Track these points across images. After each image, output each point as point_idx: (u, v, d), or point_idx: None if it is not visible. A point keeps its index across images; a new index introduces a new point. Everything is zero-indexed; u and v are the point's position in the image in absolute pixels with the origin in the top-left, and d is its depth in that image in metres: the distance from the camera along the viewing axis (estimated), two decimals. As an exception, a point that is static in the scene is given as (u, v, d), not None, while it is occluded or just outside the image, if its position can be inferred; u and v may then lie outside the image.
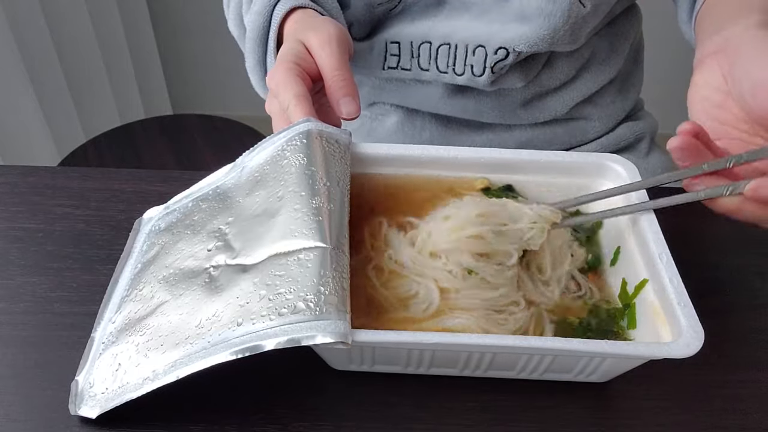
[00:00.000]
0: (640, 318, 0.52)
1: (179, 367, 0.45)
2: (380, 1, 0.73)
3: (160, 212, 0.61)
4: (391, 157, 0.60)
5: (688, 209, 0.68)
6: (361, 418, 0.51)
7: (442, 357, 0.50)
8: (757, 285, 0.61)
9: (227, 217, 0.54)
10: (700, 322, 0.46)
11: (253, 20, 0.66)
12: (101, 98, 1.72)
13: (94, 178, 0.70)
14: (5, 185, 0.69)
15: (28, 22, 1.43)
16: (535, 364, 0.49)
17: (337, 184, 0.53)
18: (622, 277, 0.55)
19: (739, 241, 0.65)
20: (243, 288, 0.47)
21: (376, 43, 0.76)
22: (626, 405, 0.52)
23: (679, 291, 0.48)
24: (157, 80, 1.98)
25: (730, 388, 0.53)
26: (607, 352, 0.46)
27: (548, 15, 0.68)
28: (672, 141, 0.48)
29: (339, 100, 0.57)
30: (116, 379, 0.48)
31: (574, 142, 0.84)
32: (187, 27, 1.98)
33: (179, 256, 0.54)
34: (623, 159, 0.59)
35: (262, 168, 0.55)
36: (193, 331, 0.47)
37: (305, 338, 0.43)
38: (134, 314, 0.51)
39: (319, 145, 0.54)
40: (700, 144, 0.48)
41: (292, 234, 0.48)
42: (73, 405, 0.49)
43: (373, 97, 0.85)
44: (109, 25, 1.69)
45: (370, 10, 0.74)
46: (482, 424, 0.50)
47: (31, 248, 0.62)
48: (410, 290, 0.53)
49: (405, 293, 0.53)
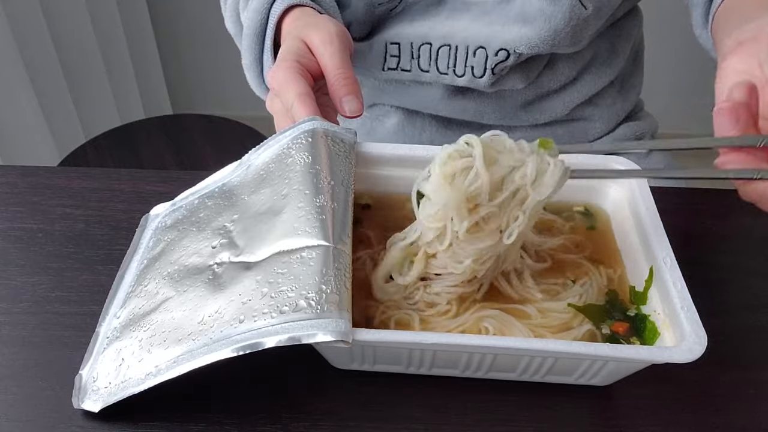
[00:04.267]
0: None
1: (181, 363, 0.45)
2: (381, 1, 0.73)
3: (167, 209, 0.61)
4: (396, 157, 0.60)
5: (688, 209, 0.68)
6: (361, 418, 0.50)
7: (443, 358, 0.50)
8: (757, 285, 0.61)
9: (232, 215, 0.54)
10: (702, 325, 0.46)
11: (250, 18, 0.66)
12: (101, 98, 1.72)
13: (94, 178, 0.70)
14: (5, 185, 0.69)
15: (28, 22, 1.43)
16: (537, 366, 0.49)
17: (342, 183, 0.53)
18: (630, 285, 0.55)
19: (739, 241, 0.65)
20: (246, 285, 0.47)
21: (376, 44, 0.76)
22: (626, 405, 0.52)
23: (682, 295, 0.48)
24: (157, 80, 1.98)
25: (730, 388, 0.53)
26: (609, 356, 0.46)
27: (549, 17, 0.68)
28: (723, 103, 0.45)
29: (342, 98, 0.56)
30: (119, 373, 0.48)
31: (575, 143, 0.84)
32: (187, 27, 1.98)
33: (184, 253, 0.54)
34: (628, 161, 0.59)
35: (267, 166, 0.55)
36: (196, 327, 0.47)
37: (306, 336, 0.43)
38: (139, 310, 0.51)
39: (324, 144, 0.54)
40: (748, 114, 0.46)
41: (296, 232, 0.48)
42: (77, 398, 0.49)
43: (373, 98, 0.85)
44: (109, 25, 1.69)
45: (370, 10, 0.74)
46: (482, 425, 0.50)
47: (31, 248, 0.62)
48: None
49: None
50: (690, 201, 0.70)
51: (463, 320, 0.52)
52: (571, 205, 0.61)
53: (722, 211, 0.69)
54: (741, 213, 0.68)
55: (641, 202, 0.56)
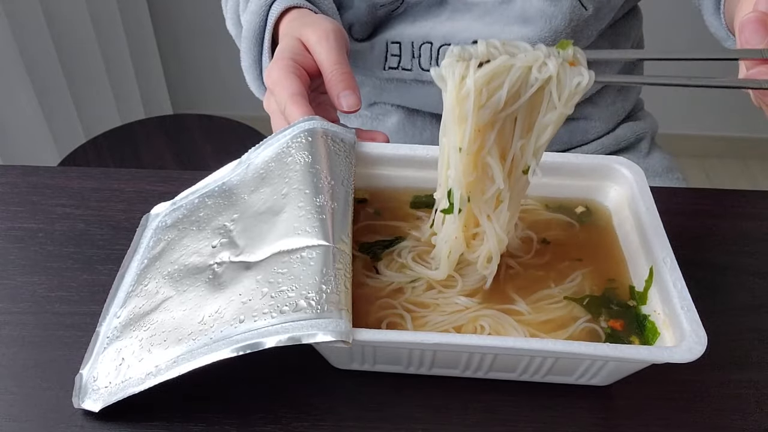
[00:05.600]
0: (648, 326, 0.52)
1: (181, 362, 0.45)
2: (383, 3, 0.73)
3: (167, 208, 0.61)
4: (397, 157, 0.60)
5: (688, 209, 0.68)
6: (361, 418, 0.50)
7: (443, 358, 0.50)
8: (757, 285, 0.61)
9: (232, 214, 0.54)
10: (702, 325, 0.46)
11: (249, 20, 0.66)
12: (101, 98, 1.72)
13: (94, 178, 0.70)
14: (5, 185, 0.69)
15: (29, 22, 1.43)
16: (537, 366, 0.49)
17: (342, 183, 0.53)
18: (629, 285, 0.55)
19: (739, 241, 0.65)
20: (246, 285, 0.47)
21: (377, 44, 0.76)
22: (626, 405, 0.52)
23: (682, 295, 0.48)
24: (157, 80, 1.98)
25: (730, 388, 0.53)
26: (609, 356, 0.46)
27: (550, 17, 0.68)
28: (749, 14, 0.43)
29: (339, 93, 0.56)
30: (120, 373, 0.48)
31: (575, 142, 0.84)
32: (187, 27, 1.98)
33: (184, 252, 0.54)
34: (629, 161, 0.59)
35: (267, 165, 0.55)
36: (196, 327, 0.47)
37: (306, 336, 0.43)
38: (139, 309, 0.51)
39: (323, 144, 0.54)
40: None
41: (296, 232, 0.48)
42: (77, 398, 0.49)
43: (373, 97, 0.85)
44: (110, 25, 1.69)
45: (372, 12, 0.74)
46: (483, 425, 0.50)
47: (31, 248, 0.62)
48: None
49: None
50: (690, 201, 0.70)
51: (459, 318, 0.52)
52: (573, 204, 0.62)
53: (722, 211, 0.69)
54: (741, 213, 0.69)
55: (641, 202, 0.56)
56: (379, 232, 0.59)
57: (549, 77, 0.45)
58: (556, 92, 0.45)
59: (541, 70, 0.45)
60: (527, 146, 0.49)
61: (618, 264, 0.57)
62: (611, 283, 0.55)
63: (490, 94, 0.45)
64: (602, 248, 0.58)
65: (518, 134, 0.48)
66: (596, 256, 0.57)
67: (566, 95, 0.45)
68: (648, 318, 0.52)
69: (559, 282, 0.55)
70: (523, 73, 0.45)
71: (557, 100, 0.45)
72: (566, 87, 0.45)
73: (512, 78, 0.45)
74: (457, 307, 0.53)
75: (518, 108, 0.46)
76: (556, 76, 0.44)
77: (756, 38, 0.43)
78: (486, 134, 0.47)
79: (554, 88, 0.45)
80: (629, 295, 0.54)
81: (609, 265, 0.57)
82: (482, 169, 0.49)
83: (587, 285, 0.55)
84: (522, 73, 0.45)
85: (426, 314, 0.52)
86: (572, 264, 0.57)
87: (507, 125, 0.48)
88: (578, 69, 0.45)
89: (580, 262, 0.57)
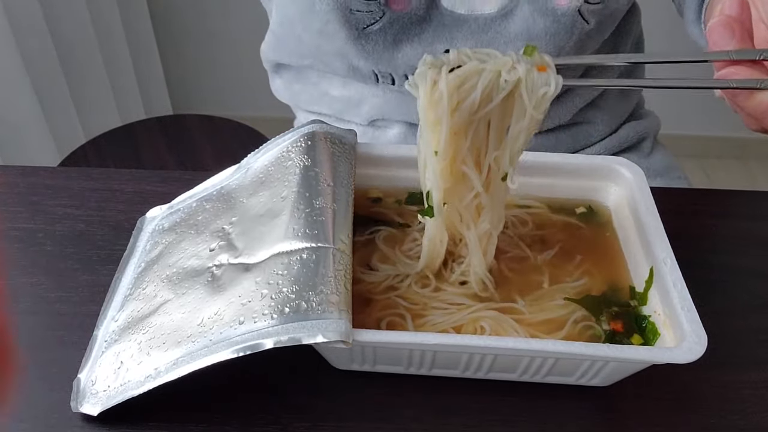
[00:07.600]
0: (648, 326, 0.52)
1: (181, 365, 0.45)
2: (359, 9, 0.67)
3: (164, 212, 0.61)
4: (398, 158, 0.60)
5: (688, 209, 0.68)
6: (361, 419, 0.50)
7: (443, 358, 0.50)
8: (757, 285, 0.61)
9: (231, 217, 0.54)
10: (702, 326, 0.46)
11: None
12: (101, 98, 1.72)
13: (94, 178, 0.70)
14: (5, 185, 0.69)
15: (28, 22, 1.43)
16: (537, 366, 0.49)
17: (342, 185, 0.53)
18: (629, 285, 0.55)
19: (739, 241, 0.65)
20: (245, 287, 0.47)
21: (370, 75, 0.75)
22: (626, 404, 0.52)
23: (682, 295, 0.48)
24: (157, 80, 1.98)
25: (730, 388, 0.53)
26: (609, 356, 0.46)
27: (554, 35, 0.68)
28: (715, 18, 0.44)
29: None
30: (118, 376, 0.48)
31: (578, 147, 0.84)
32: (187, 27, 1.98)
33: (182, 256, 0.54)
34: (629, 162, 0.59)
35: (266, 169, 0.55)
36: (195, 329, 0.47)
37: (306, 337, 0.43)
38: (137, 313, 0.51)
39: (324, 146, 0.54)
40: (742, 29, 0.44)
41: (295, 234, 0.48)
42: (75, 402, 0.49)
43: (375, 114, 0.83)
44: (110, 26, 1.69)
45: (346, 16, 0.69)
46: (483, 425, 0.50)
47: (31, 248, 0.62)
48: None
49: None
50: (690, 201, 0.70)
51: (459, 318, 0.52)
52: (573, 205, 0.62)
53: (722, 211, 0.69)
54: (740, 213, 0.69)
55: (641, 202, 0.56)
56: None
57: (518, 80, 0.45)
58: (527, 95, 0.46)
59: (511, 73, 0.46)
60: (502, 156, 0.49)
61: (618, 264, 0.57)
62: (611, 283, 0.55)
63: (462, 97, 0.46)
64: (602, 249, 0.58)
65: (493, 144, 0.49)
66: (596, 257, 0.58)
67: (535, 99, 0.46)
68: (648, 318, 0.52)
69: (559, 282, 0.55)
70: (494, 77, 0.46)
71: (527, 101, 0.46)
72: (534, 91, 0.46)
73: (484, 80, 0.46)
74: (457, 306, 0.53)
75: (491, 111, 0.47)
76: (525, 80, 0.45)
77: (723, 41, 0.44)
78: (459, 141, 0.48)
79: (524, 91, 0.46)
80: (629, 295, 0.54)
81: (609, 266, 0.57)
82: (458, 177, 0.50)
83: (587, 285, 0.55)
84: (493, 77, 0.46)
85: (426, 314, 0.52)
86: (572, 264, 0.57)
87: (481, 131, 0.48)
88: (546, 74, 0.46)
89: (581, 263, 0.57)
